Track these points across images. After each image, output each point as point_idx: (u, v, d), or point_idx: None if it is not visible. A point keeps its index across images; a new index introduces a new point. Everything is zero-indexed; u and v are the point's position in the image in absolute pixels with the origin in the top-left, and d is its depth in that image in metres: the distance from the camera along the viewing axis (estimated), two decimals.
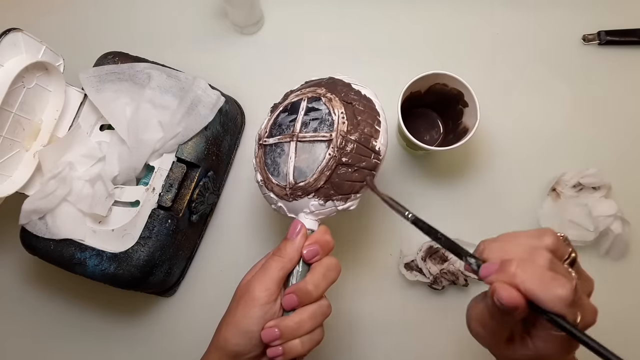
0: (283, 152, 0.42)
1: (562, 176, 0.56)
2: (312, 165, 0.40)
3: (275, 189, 0.43)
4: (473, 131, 0.50)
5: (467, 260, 0.32)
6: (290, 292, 0.39)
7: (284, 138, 0.42)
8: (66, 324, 0.59)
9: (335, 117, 0.41)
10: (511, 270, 0.29)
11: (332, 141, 0.40)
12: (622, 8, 0.62)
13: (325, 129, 0.41)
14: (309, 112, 0.42)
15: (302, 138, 0.41)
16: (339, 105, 0.41)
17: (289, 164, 0.41)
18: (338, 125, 0.40)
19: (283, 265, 0.39)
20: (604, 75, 0.61)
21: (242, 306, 0.39)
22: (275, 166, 0.43)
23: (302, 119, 0.42)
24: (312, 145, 0.41)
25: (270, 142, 0.43)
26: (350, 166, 0.40)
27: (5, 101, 0.45)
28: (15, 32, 0.46)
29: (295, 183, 0.41)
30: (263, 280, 0.39)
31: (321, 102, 0.42)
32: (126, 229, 0.50)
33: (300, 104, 0.43)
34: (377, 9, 0.65)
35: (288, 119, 0.43)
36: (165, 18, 0.67)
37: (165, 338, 0.58)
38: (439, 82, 0.53)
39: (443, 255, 0.55)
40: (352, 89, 0.43)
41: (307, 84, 0.46)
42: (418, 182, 0.59)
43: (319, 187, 0.40)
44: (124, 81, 0.53)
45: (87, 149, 0.53)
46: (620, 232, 0.53)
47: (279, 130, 0.43)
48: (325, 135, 0.40)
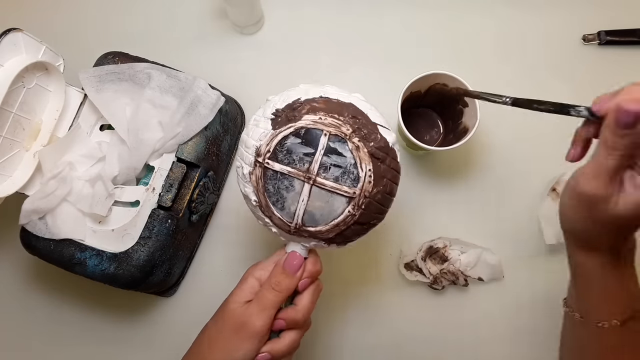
0: (292, 187, 0.39)
1: (562, 176, 0.56)
2: (327, 217, 0.39)
3: (276, 220, 0.40)
4: (473, 131, 0.50)
5: (577, 112, 0.33)
6: (280, 318, 0.40)
7: (297, 174, 0.38)
8: (66, 324, 0.59)
9: (362, 174, 0.38)
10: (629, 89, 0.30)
11: (355, 199, 0.38)
12: (622, 8, 0.62)
13: (349, 182, 0.38)
14: (330, 153, 0.38)
15: (321, 185, 0.38)
16: (367, 159, 0.38)
17: (299, 204, 0.39)
18: (364, 185, 0.38)
19: (281, 299, 0.40)
20: (604, 75, 0.61)
21: (241, 338, 0.39)
22: (279, 197, 0.39)
23: (321, 160, 0.38)
24: (330, 196, 0.38)
25: (277, 168, 0.39)
26: (363, 224, 0.40)
27: (5, 101, 0.45)
28: (15, 32, 0.46)
29: (303, 225, 0.39)
30: (262, 315, 0.39)
31: (346, 147, 0.38)
32: (126, 229, 0.50)
33: (320, 139, 0.38)
34: (377, 9, 0.65)
35: (301, 150, 0.38)
36: (166, 18, 0.67)
37: (165, 338, 0.58)
38: (439, 82, 0.53)
39: (443, 255, 0.55)
40: (378, 135, 0.39)
41: (322, 99, 0.40)
42: (418, 182, 0.59)
43: (329, 238, 0.40)
44: (124, 81, 0.53)
45: (87, 149, 0.53)
46: None
47: (288, 158, 0.38)
48: (348, 192, 0.38)
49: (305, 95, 0.40)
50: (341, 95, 0.40)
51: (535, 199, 0.58)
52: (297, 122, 0.38)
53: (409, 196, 0.59)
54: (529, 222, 0.57)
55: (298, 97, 0.40)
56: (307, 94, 0.40)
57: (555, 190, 0.57)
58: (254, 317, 0.39)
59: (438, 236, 0.56)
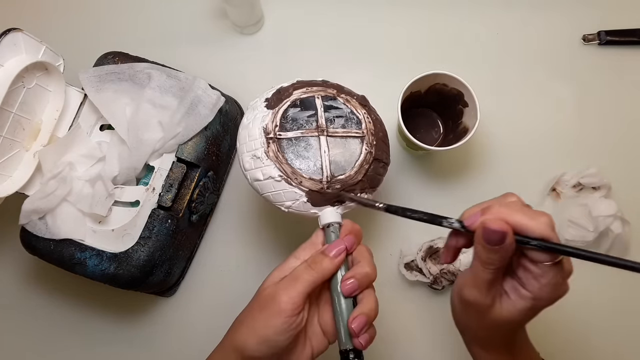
0: (310, 146, 0.42)
1: (562, 176, 0.56)
2: (350, 159, 0.42)
3: (306, 183, 0.41)
4: (473, 131, 0.50)
5: (449, 223, 0.34)
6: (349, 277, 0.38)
7: (309, 132, 0.42)
8: (66, 324, 0.59)
9: (361, 117, 0.44)
10: (495, 209, 0.32)
11: (365, 137, 0.43)
12: (622, 8, 0.63)
13: (354, 126, 0.44)
14: (328, 109, 0.44)
15: (334, 133, 0.43)
16: (359, 106, 0.45)
17: (323, 157, 0.42)
18: (366, 124, 0.44)
19: (315, 279, 0.38)
20: (604, 75, 0.61)
21: (266, 315, 0.37)
22: (302, 160, 0.42)
23: (324, 116, 0.43)
24: (345, 141, 0.43)
25: (290, 135, 0.42)
26: (379, 161, 0.44)
27: (5, 101, 0.45)
28: (15, 32, 0.46)
29: (334, 176, 0.41)
30: (291, 292, 0.37)
31: (339, 101, 0.45)
32: (126, 229, 0.50)
33: (315, 101, 0.44)
34: (377, 9, 0.65)
35: (304, 114, 0.43)
36: (166, 18, 0.67)
37: (165, 338, 0.58)
38: (439, 82, 0.53)
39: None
40: (354, 93, 0.47)
41: (299, 83, 0.46)
42: (418, 182, 0.59)
43: (358, 181, 0.42)
44: (124, 81, 0.53)
45: (87, 149, 0.53)
46: (620, 232, 0.53)
47: (296, 124, 0.43)
48: (357, 132, 0.43)
49: (283, 84, 0.46)
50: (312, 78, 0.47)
51: (535, 199, 0.58)
52: (290, 97, 0.44)
53: (409, 196, 0.59)
54: None
55: (280, 86, 0.46)
56: (283, 84, 0.46)
57: (555, 190, 0.57)
58: (280, 292, 0.37)
59: (438, 236, 0.56)
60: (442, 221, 0.35)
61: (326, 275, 0.38)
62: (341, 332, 0.38)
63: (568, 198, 0.56)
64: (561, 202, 0.56)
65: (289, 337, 0.37)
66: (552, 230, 0.31)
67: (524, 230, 0.31)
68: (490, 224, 0.31)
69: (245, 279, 0.58)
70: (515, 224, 0.31)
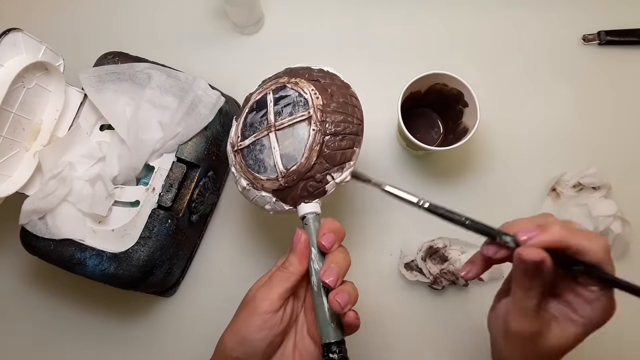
0: (264, 147, 0.42)
1: (562, 176, 0.56)
2: (299, 146, 0.40)
3: (267, 185, 0.42)
4: (473, 131, 0.50)
5: (502, 238, 0.33)
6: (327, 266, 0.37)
7: (261, 133, 0.42)
8: (66, 324, 0.59)
9: (307, 95, 0.41)
10: (555, 230, 0.31)
11: (312, 117, 0.40)
12: (622, 8, 0.63)
13: (301, 109, 0.41)
14: (278, 101, 0.43)
15: (280, 125, 0.41)
16: (306, 85, 0.42)
17: (274, 154, 0.41)
18: (313, 101, 0.41)
19: (288, 277, 0.38)
20: (604, 75, 0.61)
21: (244, 315, 0.38)
22: (259, 163, 0.42)
23: (273, 110, 0.42)
24: (292, 129, 0.41)
25: (247, 143, 0.43)
26: (336, 135, 0.41)
27: (5, 101, 0.45)
28: (15, 32, 0.46)
29: (287, 170, 0.41)
30: (266, 291, 0.38)
31: (287, 88, 0.43)
32: (126, 229, 0.50)
33: (267, 98, 0.43)
34: (377, 10, 0.65)
35: (258, 116, 0.43)
36: (165, 18, 0.67)
37: (165, 338, 0.58)
38: (439, 82, 0.53)
39: (443, 255, 0.55)
40: (312, 70, 0.45)
41: (264, 82, 0.46)
42: (418, 182, 0.59)
43: (313, 165, 0.40)
44: (124, 81, 0.53)
45: (87, 149, 0.53)
46: (620, 232, 0.53)
47: (251, 130, 0.43)
48: (303, 114, 0.41)
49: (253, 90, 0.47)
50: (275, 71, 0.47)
51: (535, 199, 0.58)
52: (249, 101, 0.45)
53: None
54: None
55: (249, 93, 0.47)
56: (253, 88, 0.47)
57: (555, 190, 0.57)
58: (258, 294, 0.38)
59: (438, 236, 0.56)
60: (496, 236, 0.33)
61: (296, 270, 0.38)
62: (322, 325, 0.38)
63: (568, 198, 0.56)
64: (561, 202, 0.56)
65: (264, 336, 0.37)
66: (609, 255, 0.31)
67: (582, 253, 0.31)
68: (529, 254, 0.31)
69: (245, 279, 0.58)
70: (575, 246, 0.31)
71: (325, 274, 0.37)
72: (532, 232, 0.32)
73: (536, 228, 0.32)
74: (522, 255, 0.31)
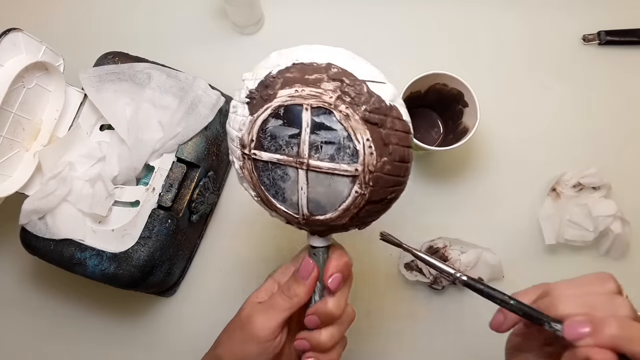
0: (287, 176, 0.34)
1: (562, 176, 0.56)
2: (334, 201, 0.34)
3: (282, 213, 0.36)
4: (473, 131, 0.50)
5: (551, 326, 0.28)
6: (310, 314, 0.37)
7: (287, 160, 0.33)
8: (66, 324, 0.59)
9: (360, 146, 0.32)
10: (611, 331, 0.26)
11: (359, 177, 0.32)
12: (622, 8, 0.62)
13: (347, 159, 0.32)
14: (317, 129, 0.32)
15: (316, 167, 0.32)
16: (361, 128, 0.31)
17: (299, 194, 0.34)
18: (365, 158, 0.32)
19: (291, 306, 0.37)
20: (604, 75, 0.61)
21: (243, 337, 0.38)
22: (277, 189, 0.35)
23: (309, 139, 0.32)
24: (330, 178, 0.33)
25: (265, 158, 0.34)
26: (379, 201, 0.34)
27: (5, 101, 0.45)
28: (15, 32, 0.46)
29: (312, 214, 0.35)
30: (267, 318, 0.37)
31: (334, 118, 0.32)
32: (126, 229, 0.50)
33: (302, 116, 0.32)
34: (376, 10, 0.65)
35: (286, 133, 0.33)
36: (165, 18, 0.67)
37: (165, 338, 0.58)
38: (439, 82, 0.53)
39: (443, 255, 0.55)
40: (370, 95, 0.32)
41: (295, 67, 0.34)
42: (418, 182, 0.59)
43: (343, 224, 0.35)
44: (124, 81, 0.53)
45: (87, 149, 0.53)
46: (620, 232, 0.53)
47: (274, 144, 0.34)
48: (348, 170, 0.32)
49: (277, 67, 0.34)
50: (317, 56, 0.34)
51: (535, 199, 0.58)
52: (273, 101, 0.33)
53: (409, 196, 0.59)
54: (529, 222, 0.57)
55: (269, 70, 0.34)
56: (279, 64, 0.34)
57: (555, 190, 0.57)
58: (255, 317, 0.38)
59: (438, 236, 0.56)
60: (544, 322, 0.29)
61: (300, 301, 0.37)
62: None
63: (568, 198, 0.56)
64: (561, 202, 0.56)
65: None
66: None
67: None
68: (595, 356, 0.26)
69: (245, 279, 0.58)
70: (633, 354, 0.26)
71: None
72: (584, 328, 0.27)
73: (588, 322, 0.27)
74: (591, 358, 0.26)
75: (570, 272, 0.59)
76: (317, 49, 0.35)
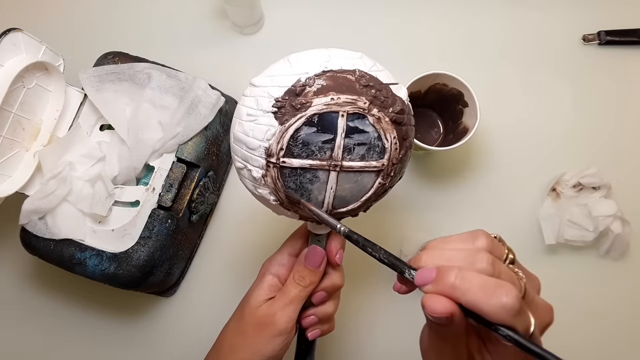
0: (317, 179, 0.35)
1: (562, 176, 0.56)
2: (358, 194, 0.36)
3: (301, 212, 0.38)
4: (473, 131, 0.50)
5: (410, 274, 0.29)
6: (320, 290, 0.41)
7: (319, 165, 0.34)
8: (66, 324, 0.59)
9: (388, 144, 0.35)
10: (450, 280, 0.26)
11: (384, 170, 0.35)
12: (622, 8, 0.63)
13: (375, 156, 0.35)
14: (351, 133, 0.34)
15: (349, 168, 0.35)
16: (390, 128, 0.35)
17: (327, 193, 0.35)
18: (391, 153, 0.35)
19: (307, 294, 0.40)
20: (604, 75, 0.61)
21: (267, 335, 0.39)
22: (303, 192, 0.36)
23: (343, 143, 0.34)
24: (358, 175, 0.35)
25: (295, 164, 0.34)
26: (391, 187, 0.38)
27: (5, 101, 0.45)
28: (15, 32, 0.46)
29: (334, 209, 0.37)
30: (287, 312, 0.39)
31: (367, 121, 0.34)
32: (126, 229, 0.50)
33: (338, 122, 0.34)
34: (376, 10, 0.65)
35: (319, 139, 0.34)
36: (166, 18, 0.67)
37: (165, 338, 0.58)
38: (438, 82, 0.53)
39: None
40: (394, 98, 0.36)
41: (325, 74, 0.35)
42: (418, 182, 0.59)
43: (357, 212, 0.38)
44: (124, 81, 0.53)
45: (87, 149, 0.53)
46: (620, 232, 0.53)
47: (306, 151, 0.34)
48: (376, 166, 0.35)
49: (304, 75, 0.35)
50: (344, 62, 0.36)
51: (535, 199, 0.58)
52: (307, 110, 0.33)
53: (409, 196, 0.59)
54: (529, 222, 0.57)
55: (297, 78, 0.35)
56: (307, 72, 0.35)
57: (555, 190, 0.57)
58: (278, 314, 0.39)
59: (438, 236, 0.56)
60: (404, 271, 0.29)
61: (315, 285, 0.40)
62: None
63: (568, 198, 0.56)
64: (561, 202, 0.56)
65: (285, 349, 0.40)
66: (512, 317, 0.24)
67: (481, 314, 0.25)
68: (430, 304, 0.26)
69: (245, 279, 0.58)
70: (470, 305, 0.25)
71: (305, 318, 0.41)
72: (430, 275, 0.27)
73: (435, 270, 0.27)
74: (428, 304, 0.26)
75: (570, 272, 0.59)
76: (339, 54, 0.37)
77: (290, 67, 0.36)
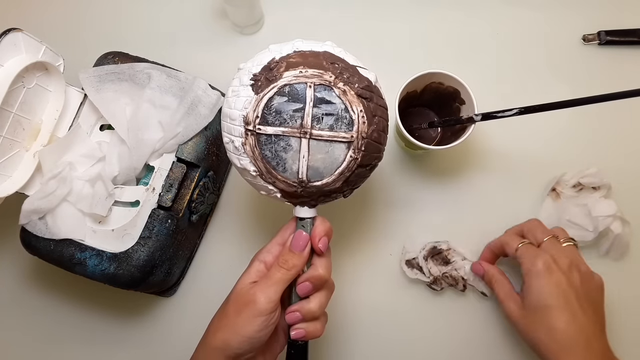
0: (290, 147, 0.39)
1: (562, 176, 0.56)
2: (330, 167, 0.39)
3: (279, 185, 0.40)
4: (472, 129, 0.50)
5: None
6: (304, 281, 0.41)
7: (291, 132, 0.38)
8: (66, 324, 0.59)
9: (355, 116, 0.39)
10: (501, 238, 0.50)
11: (353, 143, 0.39)
12: (622, 8, 0.62)
13: (344, 127, 0.39)
14: (319, 103, 0.38)
15: (318, 136, 0.38)
16: (356, 101, 0.39)
17: (300, 162, 0.39)
18: (359, 126, 0.39)
19: (290, 277, 0.40)
20: (604, 75, 0.61)
21: (246, 315, 0.39)
22: (279, 160, 0.39)
23: (312, 112, 0.38)
24: (329, 145, 0.39)
25: (270, 132, 0.39)
26: (366, 166, 0.41)
27: (5, 101, 0.45)
28: (15, 32, 0.46)
29: (309, 182, 0.39)
30: (268, 292, 0.39)
31: (333, 93, 0.39)
32: (126, 229, 0.50)
33: (306, 92, 0.38)
34: (375, 10, 0.65)
35: (290, 108, 0.38)
36: (165, 18, 0.67)
37: (165, 338, 0.58)
38: (434, 81, 0.53)
39: (445, 257, 0.55)
40: (361, 77, 0.40)
41: (296, 54, 0.40)
42: (417, 181, 0.59)
43: (336, 187, 0.40)
44: (124, 81, 0.53)
45: (87, 149, 0.53)
46: (620, 232, 0.53)
47: (279, 118, 0.38)
48: (345, 137, 0.39)
49: (278, 54, 0.40)
50: (313, 46, 0.41)
51: (535, 199, 0.58)
52: (279, 80, 0.39)
53: (408, 195, 0.59)
54: None
55: (272, 57, 0.40)
56: (281, 52, 0.40)
57: (555, 190, 0.57)
58: (258, 294, 0.39)
59: (444, 239, 0.56)
60: None
61: (298, 271, 0.41)
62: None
63: (568, 198, 0.56)
64: (561, 202, 0.56)
65: (268, 332, 0.40)
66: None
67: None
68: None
69: None
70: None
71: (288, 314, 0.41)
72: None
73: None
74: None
75: None
76: (312, 42, 0.42)
77: (269, 52, 0.41)
